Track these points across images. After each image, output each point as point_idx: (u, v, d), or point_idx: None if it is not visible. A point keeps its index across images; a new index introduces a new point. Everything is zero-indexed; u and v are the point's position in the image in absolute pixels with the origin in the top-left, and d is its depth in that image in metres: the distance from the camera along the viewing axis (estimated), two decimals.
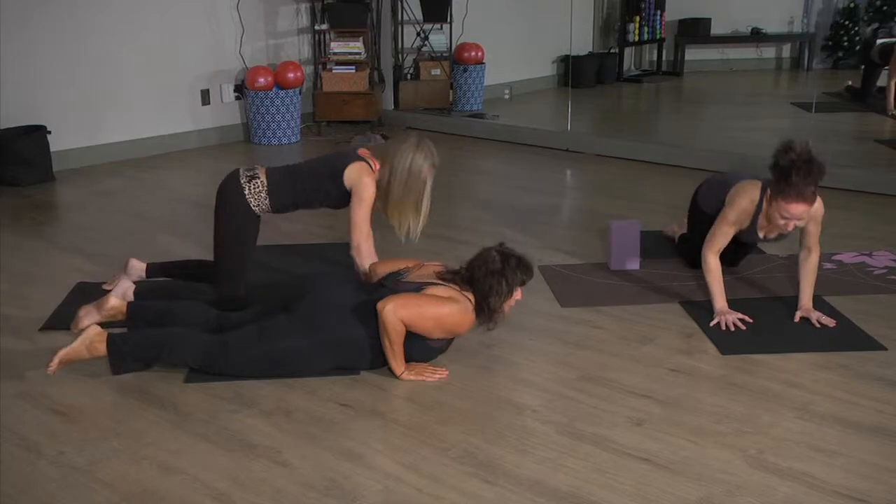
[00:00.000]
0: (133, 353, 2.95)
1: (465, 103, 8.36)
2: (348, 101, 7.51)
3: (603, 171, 6.32)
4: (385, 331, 2.95)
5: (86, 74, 6.32)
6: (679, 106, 9.51)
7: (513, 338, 3.41)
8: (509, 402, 2.90)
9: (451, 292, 2.99)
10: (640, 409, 2.85)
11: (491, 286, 3.00)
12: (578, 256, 4.34)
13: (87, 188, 5.85)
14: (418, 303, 2.92)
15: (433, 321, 2.93)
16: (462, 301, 2.99)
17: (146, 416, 2.81)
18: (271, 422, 2.78)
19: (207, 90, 7.09)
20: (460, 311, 2.96)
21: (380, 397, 2.94)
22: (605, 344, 3.36)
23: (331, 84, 7.51)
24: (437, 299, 2.94)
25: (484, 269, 3.03)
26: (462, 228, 4.88)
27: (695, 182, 5.94)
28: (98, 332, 2.97)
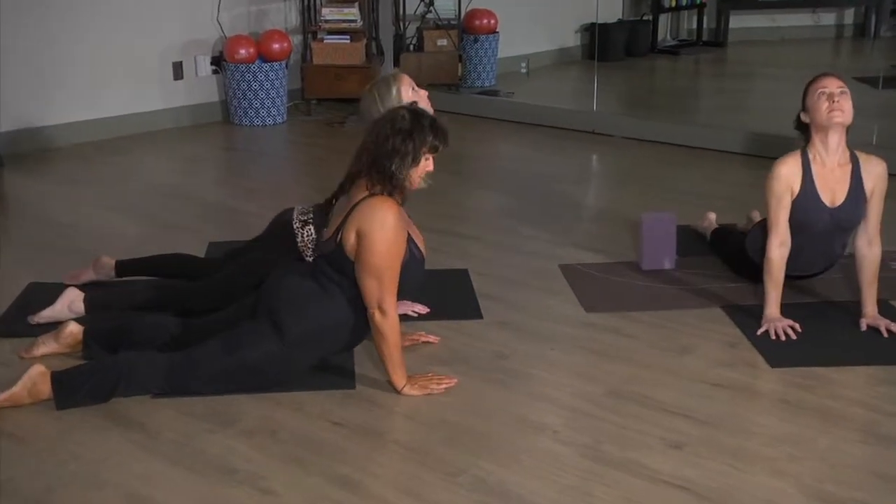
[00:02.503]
0: (83, 390, 2.94)
1: (476, 78, 8.35)
2: (342, 75, 7.51)
3: (633, 156, 6.31)
4: (383, 339, 2.96)
5: (39, 43, 6.32)
6: (722, 82, 9.49)
7: (530, 347, 3.41)
8: (526, 421, 2.89)
9: (367, 209, 2.92)
10: (676, 430, 2.84)
11: (394, 147, 2.93)
12: (605, 254, 4.33)
13: (40, 174, 5.85)
14: (379, 270, 2.90)
15: (396, 256, 2.92)
16: (374, 205, 2.92)
17: (109, 437, 2.80)
18: (254, 443, 2.77)
19: (180, 63, 7.09)
20: (392, 213, 2.91)
21: (377, 414, 2.93)
22: (637, 354, 3.35)
23: (322, 56, 7.50)
24: (376, 237, 2.89)
25: (389, 127, 2.96)
26: (470, 222, 4.88)
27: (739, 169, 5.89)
28: (41, 373, 2.95)
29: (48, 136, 6.42)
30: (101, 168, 6.02)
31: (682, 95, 8.80)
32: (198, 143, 6.75)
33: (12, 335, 3.45)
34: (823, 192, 3.57)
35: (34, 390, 2.92)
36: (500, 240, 4.58)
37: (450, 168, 6.02)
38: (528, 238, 4.59)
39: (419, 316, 3.61)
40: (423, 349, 3.36)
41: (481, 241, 4.54)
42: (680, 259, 4.16)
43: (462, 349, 3.38)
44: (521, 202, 5.22)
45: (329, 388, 3.07)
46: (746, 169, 5.84)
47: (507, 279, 4.05)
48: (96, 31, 6.58)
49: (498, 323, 3.61)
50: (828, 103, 3.47)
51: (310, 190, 5.21)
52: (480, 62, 8.37)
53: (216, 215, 5.02)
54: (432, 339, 3.41)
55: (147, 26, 6.84)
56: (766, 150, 5.76)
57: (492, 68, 8.43)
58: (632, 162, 6.17)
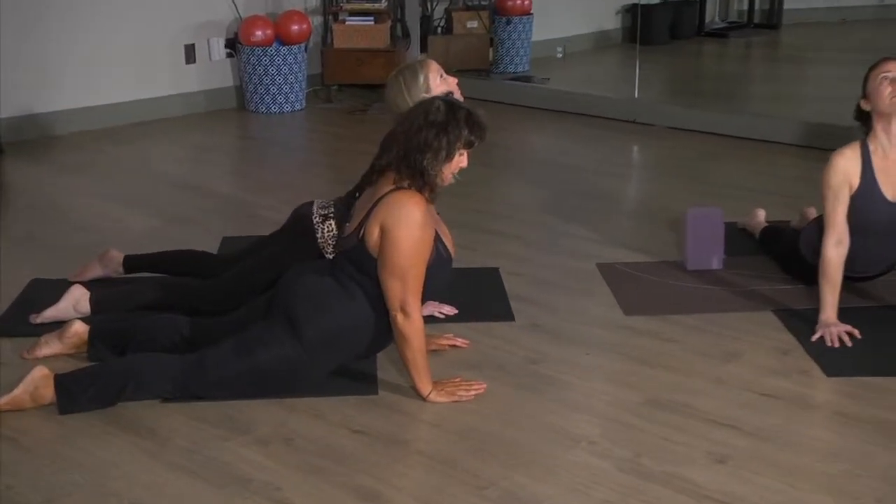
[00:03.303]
0: (87, 394, 2.96)
1: (509, 63, 8.34)
2: (365, 60, 7.53)
3: (678, 147, 6.28)
4: (406, 343, 2.97)
5: (41, 24, 6.37)
6: (775, 67, 9.43)
7: (565, 352, 3.40)
8: (560, 431, 2.89)
9: (393, 204, 2.93)
10: (722, 443, 2.83)
11: (427, 141, 2.93)
12: (646, 253, 4.32)
13: (44, 164, 5.90)
14: (403, 269, 2.91)
15: (422, 254, 2.93)
16: (400, 199, 2.93)
17: (115, 443, 2.83)
18: (269, 451, 2.79)
19: (192, 45, 7.13)
20: (419, 208, 2.92)
21: (401, 422, 2.94)
22: (680, 361, 3.34)
23: (343, 39, 7.52)
24: (401, 234, 2.90)
25: (422, 119, 2.96)
26: (502, 217, 4.88)
27: (792, 162, 5.85)
28: (44, 376, 2.97)
29: (51, 123, 6.47)
30: (107, 157, 6.07)
31: (732, 82, 8.75)
32: (210, 132, 6.78)
33: (14, 335, 3.48)
34: (885, 187, 3.54)
35: (36, 394, 2.95)
36: (534, 237, 4.58)
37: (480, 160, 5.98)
38: (563, 235, 4.59)
39: (446, 318, 3.62)
40: (451, 353, 3.36)
41: (513, 238, 4.54)
42: (727, 258, 4.14)
43: (492, 353, 3.38)
44: (557, 196, 5.21)
45: (349, 394, 3.08)
46: (800, 161, 5.80)
47: (540, 279, 4.05)
48: (102, 12, 6.62)
49: (531, 326, 3.61)
50: (891, 88, 3.44)
51: (330, 182, 5.23)
52: (513, 46, 8.36)
53: (230, 209, 5.04)
54: (461, 343, 3.41)
55: (157, 6, 6.88)
56: (823, 141, 5.71)
57: (525, 52, 8.41)
58: (676, 154, 6.15)
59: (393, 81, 3.52)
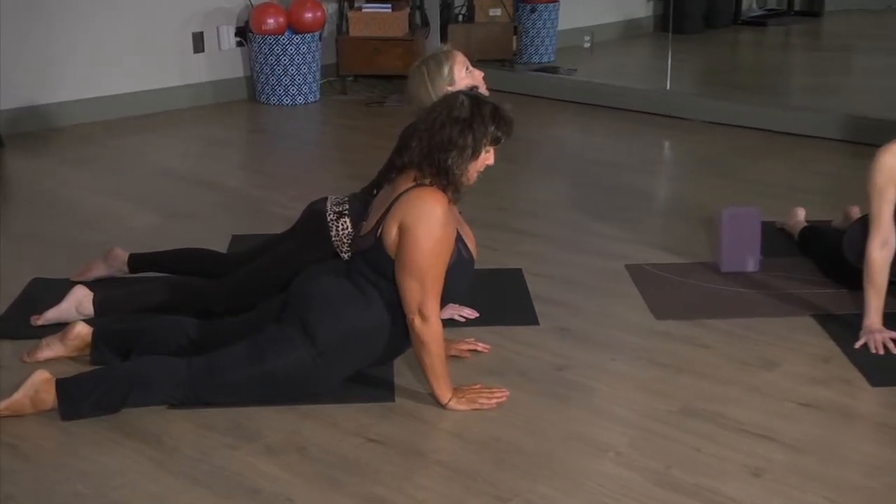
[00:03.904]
0: (90, 400, 2.98)
1: (533, 53, 8.35)
2: (382, 49, 7.54)
3: (712, 142, 6.27)
4: (423, 349, 2.98)
5: (43, 12, 6.41)
6: (816, 57, 9.40)
7: (592, 357, 3.40)
8: (586, 441, 2.89)
9: (413, 201, 2.93)
10: (758, 455, 2.82)
11: (451, 139, 2.93)
12: (678, 254, 4.32)
13: (45, 158, 5.94)
14: (421, 270, 2.91)
15: (442, 255, 2.94)
16: (422, 197, 2.94)
17: (120, 452, 2.84)
18: (280, 461, 2.80)
19: (201, 34, 7.16)
20: (440, 206, 2.92)
21: (419, 431, 2.95)
22: (713, 368, 3.34)
23: (360, 27, 7.54)
24: (420, 233, 2.90)
25: (445, 114, 2.96)
26: (526, 215, 4.88)
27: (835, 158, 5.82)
28: (45, 380, 2.99)
29: (53, 115, 6.51)
30: (111, 151, 6.10)
31: (770, 73, 8.72)
32: (220, 125, 6.81)
33: (14, 336, 3.51)
34: None
35: (37, 399, 2.97)
36: (560, 236, 4.58)
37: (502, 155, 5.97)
38: (590, 234, 4.59)
39: (467, 321, 3.62)
40: (472, 358, 3.37)
41: (537, 237, 4.54)
42: (764, 260, 4.13)
43: (515, 359, 3.39)
44: (583, 193, 5.21)
45: (365, 401, 3.09)
46: (843, 158, 5.78)
47: (566, 280, 4.05)
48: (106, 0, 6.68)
49: (556, 330, 3.62)
50: None
51: (344, 178, 5.24)
52: (538, 35, 8.36)
53: (239, 205, 5.06)
54: (482, 348, 3.41)
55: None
56: (868, 136, 5.69)
57: (551, 42, 8.42)
58: (710, 149, 6.13)
59: (415, 72, 3.53)
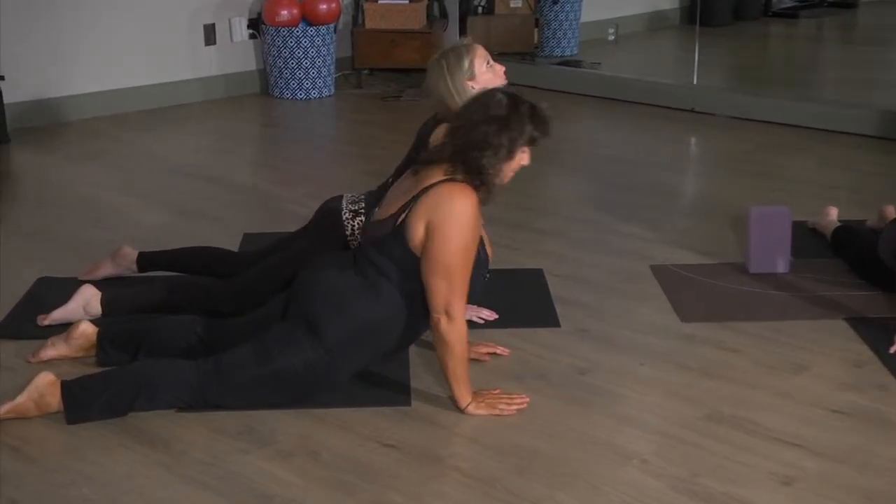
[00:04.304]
0: (97, 404, 2.99)
1: (555, 46, 8.34)
2: (399, 41, 7.55)
3: (740, 139, 6.25)
4: (448, 350, 2.98)
5: (50, 3, 6.43)
6: (850, 50, 9.35)
7: (615, 361, 3.40)
8: (610, 448, 2.89)
9: (444, 197, 2.92)
10: (789, 463, 2.81)
11: (487, 138, 2.93)
12: (706, 254, 4.31)
13: (52, 153, 5.97)
14: (450, 269, 2.91)
15: (471, 254, 2.94)
16: (453, 192, 2.93)
17: (128, 456, 2.85)
18: (293, 466, 2.80)
19: (212, 25, 7.18)
20: (472, 204, 2.92)
21: (436, 436, 2.95)
22: (742, 373, 3.33)
23: (376, 19, 7.55)
24: (452, 231, 2.89)
25: (481, 112, 2.96)
26: (548, 214, 4.87)
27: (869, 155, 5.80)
28: (49, 382, 3.00)
29: (60, 109, 6.54)
30: (120, 146, 6.12)
31: (802, 67, 8.69)
32: (231, 119, 6.83)
33: (19, 336, 3.53)
34: None
35: (42, 402, 2.98)
36: (582, 235, 4.57)
37: None
38: (614, 233, 4.58)
39: (485, 323, 3.62)
40: (491, 362, 3.37)
41: (559, 237, 4.54)
42: (795, 261, 4.12)
43: (536, 362, 3.39)
44: (607, 191, 5.20)
45: (380, 405, 3.09)
46: (879, 155, 5.76)
47: (589, 281, 4.05)
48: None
49: (578, 332, 3.61)
50: None
51: (360, 174, 5.26)
52: (560, 27, 8.35)
53: (252, 202, 5.08)
54: (501, 351, 3.41)
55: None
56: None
57: (574, 35, 8.40)
58: (738, 146, 6.11)
59: (435, 65, 3.54)
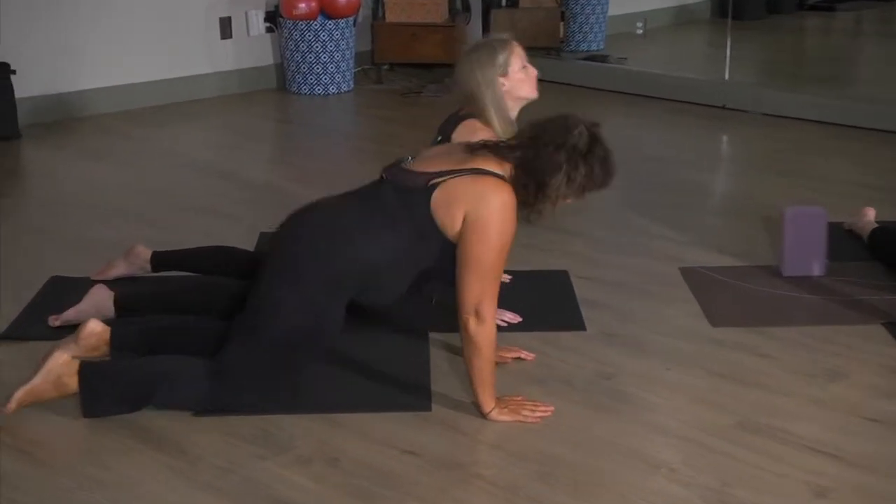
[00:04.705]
0: (113, 394, 3.02)
1: (581, 41, 8.33)
2: (420, 35, 7.56)
3: (774, 137, 6.23)
4: (476, 352, 2.98)
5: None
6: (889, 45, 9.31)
7: (642, 366, 3.40)
8: (637, 456, 2.89)
9: (490, 191, 2.93)
10: (823, 473, 2.80)
11: (557, 167, 2.95)
12: (737, 256, 4.30)
13: (64, 149, 6.00)
14: (486, 266, 2.92)
15: (506, 253, 2.97)
16: (502, 189, 2.95)
17: (141, 460, 2.87)
18: (311, 472, 2.81)
19: (229, 19, 7.20)
20: (513, 201, 2.95)
21: (458, 442, 2.95)
22: (774, 379, 3.32)
23: (397, 13, 7.56)
24: (493, 227, 2.91)
25: (561, 138, 2.97)
26: (573, 213, 4.84)
27: None
28: (66, 362, 3.03)
29: (73, 104, 6.58)
30: (133, 142, 6.15)
31: (838, 62, 8.66)
32: (248, 115, 6.85)
33: (31, 338, 3.54)
34: None
35: (60, 383, 3.00)
36: (608, 236, 4.57)
37: None
38: (642, 234, 4.58)
39: (508, 326, 3.62)
40: (514, 366, 3.37)
41: (585, 237, 4.53)
42: (831, 264, 4.11)
43: (560, 367, 3.39)
44: (635, 191, 5.19)
45: (400, 410, 3.10)
46: None
47: (616, 283, 4.05)
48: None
49: (604, 336, 3.61)
50: None
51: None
52: (587, 21, 8.34)
53: (268, 200, 5.08)
54: (526, 356, 3.42)
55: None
56: None
57: (600, 28, 8.40)
58: (772, 144, 6.10)
59: (465, 58, 3.56)
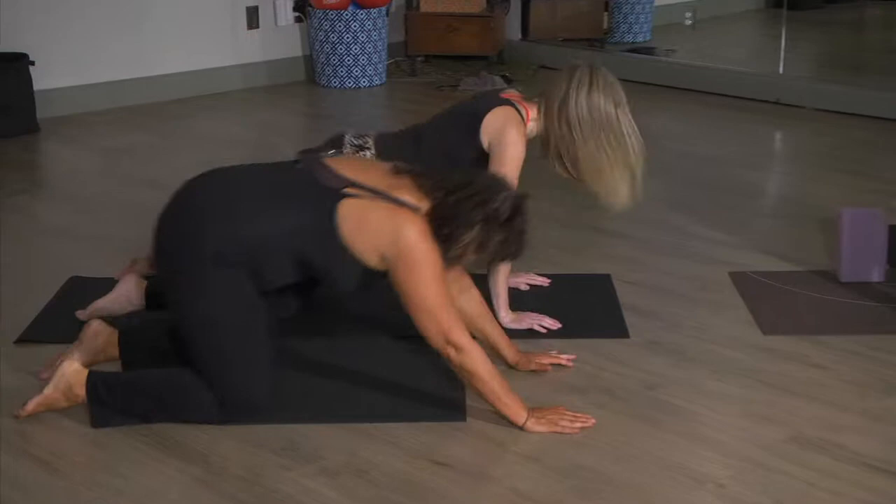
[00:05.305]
0: (120, 406, 3.05)
1: (626, 32, 8.32)
2: (456, 27, 7.57)
3: (830, 134, 6.20)
4: (472, 377, 3.00)
5: None
6: None
7: (689, 375, 3.39)
8: (682, 470, 2.88)
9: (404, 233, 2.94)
10: (880, 491, 2.79)
11: (470, 225, 2.97)
12: (790, 261, 4.28)
13: (84, 144, 6.05)
14: (431, 306, 2.94)
15: (443, 279, 2.99)
16: (415, 220, 2.97)
17: (162, 470, 2.88)
18: (337, 484, 2.82)
19: (256, 8, 7.24)
20: (426, 235, 2.96)
21: (492, 455, 2.96)
22: (830, 391, 3.30)
23: (432, 2, 7.57)
24: (419, 274, 2.93)
25: (485, 198, 2.99)
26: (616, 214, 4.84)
27: None
28: (76, 371, 3.07)
29: (93, 97, 6.63)
30: (155, 137, 6.19)
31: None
32: (275, 109, 6.88)
33: (48, 341, 3.57)
34: None
35: (71, 393, 3.05)
36: (654, 238, 4.56)
37: None
38: (689, 236, 4.57)
39: (548, 332, 3.63)
40: (552, 373, 3.37)
41: (629, 239, 4.53)
42: (891, 270, 4.09)
43: (602, 375, 3.39)
44: (681, 190, 5.18)
45: (433, 420, 3.10)
46: None
47: (661, 288, 4.04)
48: None
49: (648, 344, 3.61)
50: None
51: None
52: (632, 11, 8.33)
53: None
54: (565, 360, 3.42)
55: None
56: None
57: (647, 19, 8.38)
58: (828, 141, 6.06)
59: (567, 73, 3.62)
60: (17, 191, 5.25)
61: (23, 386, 3.23)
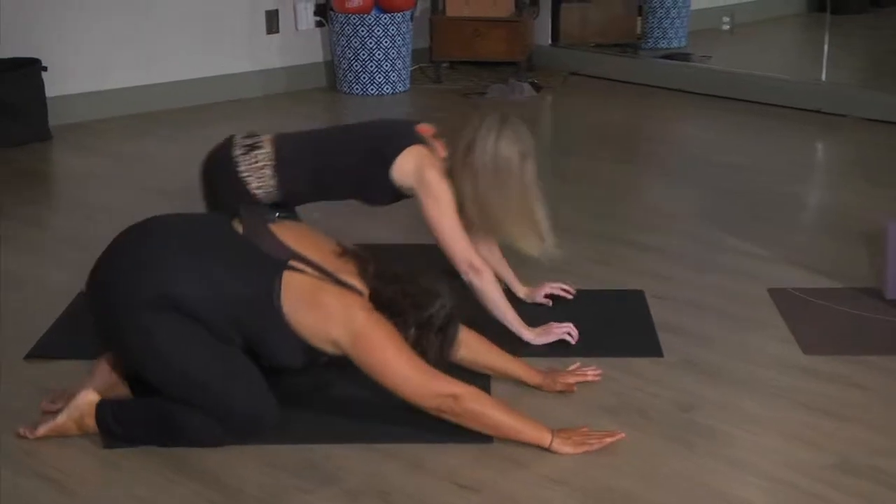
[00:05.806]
0: (128, 435, 3.09)
1: (661, 37, 8.31)
2: (483, 31, 7.57)
3: (876, 143, 6.18)
4: (481, 424, 3.03)
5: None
6: None
7: (725, 397, 3.38)
8: (718, 496, 2.87)
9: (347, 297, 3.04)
10: None
11: (406, 325, 3.08)
12: (833, 276, 4.27)
13: (96, 151, 6.07)
14: (399, 374, 3.00)
15: (399, 340, 3.06)
16: (362, 302, 3.07)
17: (177, 492, 2.89)
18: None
19: (275, 12, 7.26)
20: (374, 313, 3.06)
21: (518, 477, 2.95)
22: (876, 415, 3.29)
23: (458, 6, 7.58)
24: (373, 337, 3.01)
25: (422, 302, 3.11)
26: (646, 227, 4.85)
27: None
28: (90, 402, 3.11)
29: (106, 104, 6.66)
30: (170, 145, 6.22)
31: None
32: (295, 117, 6.89)
33: (58, 357, 3.60)
34: None
35: (82, 423, 3.10)
36: (689, 252, 4.56)
37: (620, 155, 6.01)
38: (725, 251, 4.56)
39: (575, 345, 3.62)
40: (580, 393, 3.36)
41: (663, 254, 4.52)
42: None
43: (634, 395, 3.38)
44: (718, 202, 5.17)
45: (458, 441, 3.09)
46: None
47: (696, 305, 4.03)
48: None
49: (683, 363, 3.60)
50: None
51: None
52: (667, 15, 8.33)
53: None
54: (592, 376, 3.41)
55: None
56: None
57: (682, 24, 8.38)
58: (873, 152, 6.05)
59: (488, 124, 3.64)
60: (27, 200, 5.28)
61: (32, 404, 3.24)
